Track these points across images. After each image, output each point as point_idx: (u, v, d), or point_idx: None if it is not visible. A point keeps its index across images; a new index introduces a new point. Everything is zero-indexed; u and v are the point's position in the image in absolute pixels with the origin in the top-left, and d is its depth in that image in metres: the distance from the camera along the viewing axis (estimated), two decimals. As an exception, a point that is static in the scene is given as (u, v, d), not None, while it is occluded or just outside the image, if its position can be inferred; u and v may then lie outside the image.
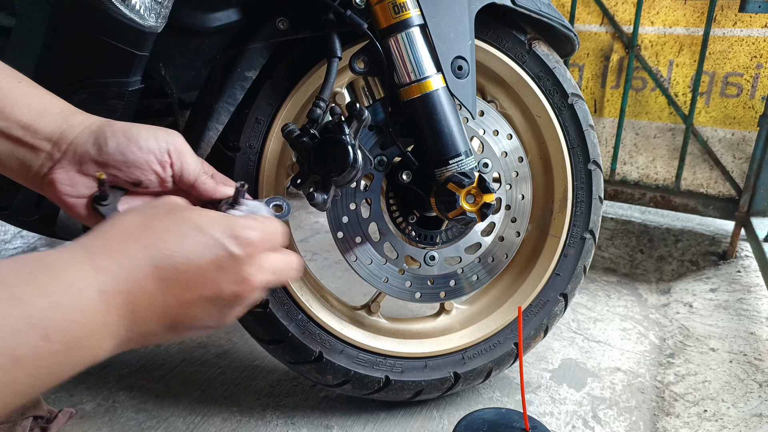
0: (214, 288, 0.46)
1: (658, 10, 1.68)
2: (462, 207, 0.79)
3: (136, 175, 0.57)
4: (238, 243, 0.46)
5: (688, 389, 1.12)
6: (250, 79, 0.85)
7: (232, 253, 0.46)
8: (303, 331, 0.95)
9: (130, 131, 0.57)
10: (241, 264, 0.47)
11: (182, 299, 0.44)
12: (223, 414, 1.05)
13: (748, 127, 1.66)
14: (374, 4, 0.77)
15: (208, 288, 0.45)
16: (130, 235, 0.43)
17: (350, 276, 1.61)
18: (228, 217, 0.48)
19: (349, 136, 0.71)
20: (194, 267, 0.44)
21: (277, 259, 0.51)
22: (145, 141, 0.57)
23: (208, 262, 0.45)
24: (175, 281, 0.43)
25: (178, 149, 0.59)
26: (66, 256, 0.40)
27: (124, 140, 0.56)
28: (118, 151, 0.55)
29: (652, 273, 1.69)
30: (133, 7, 0.67)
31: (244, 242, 0.47)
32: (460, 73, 0.82)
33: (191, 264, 0.44)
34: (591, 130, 1.02)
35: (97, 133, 0.56)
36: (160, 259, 0.43)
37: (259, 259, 0.48)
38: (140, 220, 0.45)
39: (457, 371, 1.02)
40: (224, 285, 0.46)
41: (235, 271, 0.46)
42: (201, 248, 0.45)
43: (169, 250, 0.43)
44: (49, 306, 0.37)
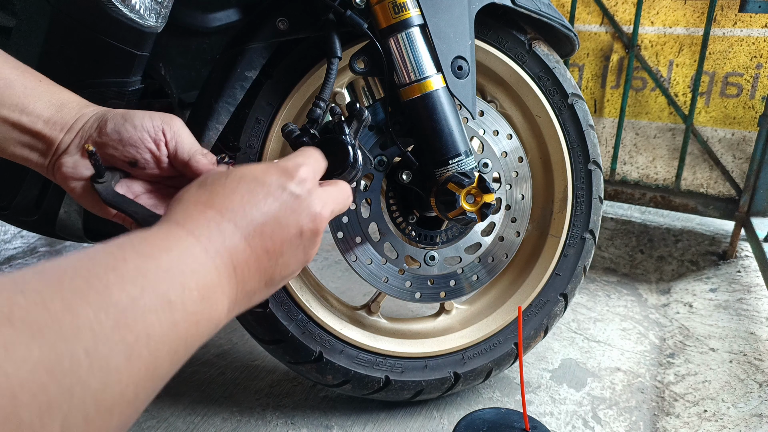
0: (294, 231, 0.48)
1: (658, 10, 1.68)
2: (462, 207, 0.79)
3: (131, 153, 0.59)
4: (296, 182, 0.49)
5: (688, 389, 1.12)
6: (250, 79, 0.85)
7: (296, 194, 0.49)
8: (303, 331, 0.95)
9: (128, 113, 0.59)
10: (307, 201, 0.49)
11: (271, 250, 0.46)
12: (223, 414, 1.05)
13: (748, 127, 1.66)
14: (374, 4, 0.77)
15: (289, 232, 0.48)
16: (202, 203, 0.45)
17: (350, 276, 1.61)
18: (274, 165, 0.50)
19: (349, 136, 0.71)
20: (271, 218, 0.46)
21: (332, 189, 0.55)
22: (140, 120, 0.59)
23: (280, 208, 0.47)
24: (259, 236, 0.45)
25: (173, 128, 0.61)
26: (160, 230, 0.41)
27: (120, 121, 0.59)
28: (115, 130, 0.58)
29: (652, 273, 1.69)
30: (133, 7, 0.67)
31: (301, 180, 0.50)
32: (460, 73, 0.82)
33: (267, 216, 0.46)
34: (591, 130, 1.02)
35: (101, 118, 0.59)
36: (240, 219, 0.44)
37: (319, 192, 0.51)
38: (202, 190, 0.46)
39: (457, 371, 1.02)
40: (303, 224, 0.49)
41: (306, 209, 0.49)
42: (270, 199, 0.47)
43: (243, 209, 0.45)
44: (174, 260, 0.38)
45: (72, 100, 0.59)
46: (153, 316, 0.35)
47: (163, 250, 0.39)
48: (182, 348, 0.38)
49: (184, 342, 0.38)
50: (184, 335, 0.38)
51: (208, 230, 0.42)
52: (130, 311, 0.33)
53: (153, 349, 0.35)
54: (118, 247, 0.37)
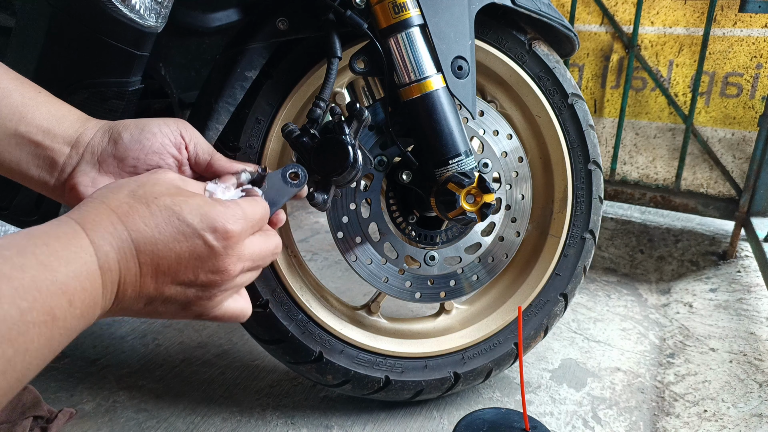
0: (190, 275, 0.47)
1: (658, 10, 1.68)
2: (462, 207, 0.79)
3: (154, 161, 0.58)
4: (216, 236, 0.47)
5: (688, 389, 1.12)
6: (250, 79, 0.85)
7: (210, 245, 0.47)
8: (303, 331, 0.95)
9: (141, 122, 0.59)
10: (218, 255, 0.48)
11: (159, 282, 0.46)
12: (223, 414, 1.05)
13: (748, 127, 1.65)
14: (374, 4, 0.77)
15: (184, 274, 0.47)
16: (117, 215, 0.44)
17: (350, 276, 1.61)
18: (211, 206, 0.48)
19: (349, 136, 0.71)
20: (173, 254, 0.46)
21: (257, 246, 0.52)
22: (158, 127, 0.59)
23: (186, 250, 0.46)
24: (154, 266, 0.45)
25: (189, 131, 0.61)
26: (65, 229, 0.42)
27: (137, 131, 0.58)
28: (134, 140, 0.57)
29: (652, 273, 1.69)
30: (133, 7, 0.67)
31: (222, 234, 0.48)
32: (460, 73, 0.82)
33: (170, 251, 0.46)
34: (591, 130, 1.02)
35: (111, 130, 0.58)
36: (143, 244, 0.44)
37: (238, 249, 0.50)
38: (127, 201, 0.46)
39: (457, 371, 1.02)
40: (200, 273, 0.48)
41: (213, 262, 0.48)
42: (181, 237, 0.46)
43: (152, 237, 0.45)
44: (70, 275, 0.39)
45: (72, 113, 0.58)
46: (35, 330, 0.36)
47: (62, 261, 0.39)
48: (50, 357, 0.39)
49: (53, 353, 0.39)
50: (56, 348, 0.39)
51: (108, 246, 0.43)
52: (15, 326, 0.34)
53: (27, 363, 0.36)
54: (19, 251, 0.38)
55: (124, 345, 1.26)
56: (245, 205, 0.52)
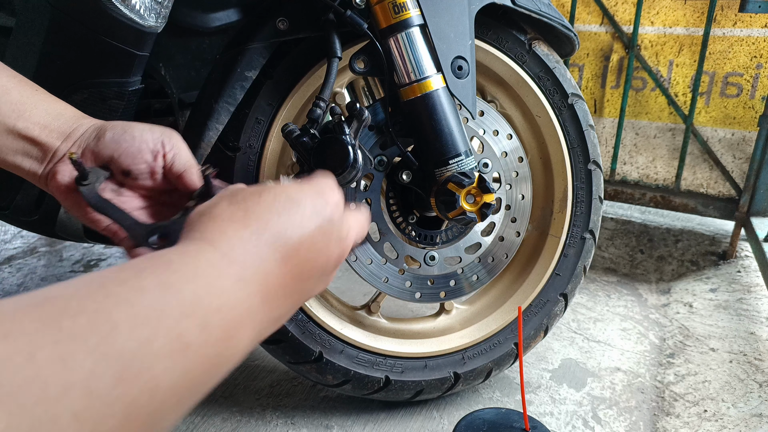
0: (326, 254, 0.46)
1: (658, 10, 1.68)
2: (462, 207, 0.79)
3: (126, 163, 0.59)
4: (332, 206, 0.48)
5: (688, 389, 1.12)
6: (250, 79, 0.85)
7: (330, 217, 0.47)
8: (303, 331, 0.95)
9: (128, 125, 0.60)
10: (338, 225, 0.48)
11: (302, 274, 0.44)
12: (223, 414, 1.05)
13: (748, 127, 1.65)
14: (374, 4, 0.77)
15: (322, 255, 0.46)
16: (235, 221, 0.41)
17: (350, 276, 1.61)
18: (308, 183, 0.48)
19: (349, 136, 0.71)
20: (307, 239, 0.44)
21: (357, 216, 0.54)
22: (140, 132, 0.60)
23: (315, 231, 0.45)
24: (295, 258, 0.43)
25: (172, 141, 0.61)
26: (189, 248, 0.37)
27: (120, 131, 0.59)
28: (113, 140, 0.58)
29: (652, 273, 1.69)
30: (133, 7, 0.67)
31: (333, 203, 0.48)
32: (460, 73, 0.82)
33: (303, 237, 0.44)
34: (591, 130, 1.02)
35: (100, 128, 0.59)
36: (276, 239, 0.41)
37: (347, 218, 0.50)
38: (234, 206, 0.43)
39: (457, 371, 1.02)
40: (332, 249, 0.47)
41: (337, 233, 0.48)
42: (305, 220, 0.45)
43: (280, 229, 0.42)
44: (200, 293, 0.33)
45: (68, 110, 0.59)
46: (163, 364, 0.29)
47: (189, 278, 0.34)
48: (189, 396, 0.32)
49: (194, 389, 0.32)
50: (196, 382, 0.32)
51: (244, 253, 0.39)
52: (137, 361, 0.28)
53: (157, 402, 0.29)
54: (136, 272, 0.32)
55: (124, 345, 1.26)
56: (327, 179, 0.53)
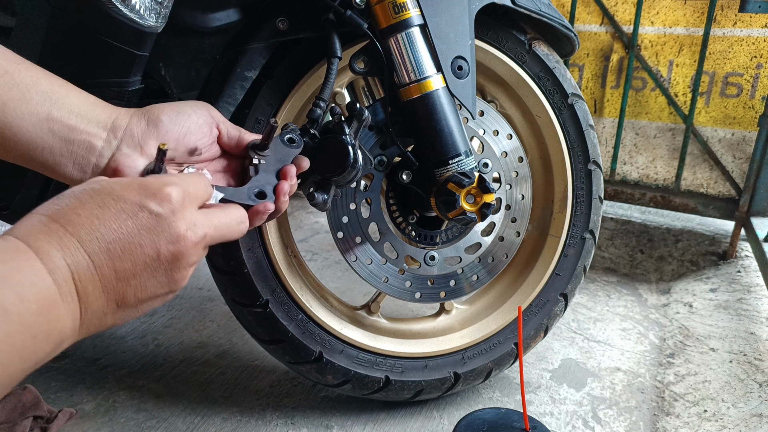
0: (150, 252, 0.45)
1: (658, 10, 1.68)
2: (462, 207, 0.79)
3: (192, 141, 0.60)
4: (156, 201, 0.45)
5: (688, 389, 1.12)
6: (250, 79, 0.85)
7: (154, 211, 0.45)
8: (303, 331, 0.95)
9: (175, 105, 0.60)
10: (169, 221, 0.45)
11: (121, 270, 0.43)
12: (223, 414, 1.05)
13: (748, 127, 1.65)
14: (374, 4, 0.77)
15: (144, 252, 0.44)
16: (48, 216, 0.42)
17: (350, 276, 1.61)
18: (141, 179, 0.47)
19: (350, 136, 0.71)
20: (121, 236, 0.43)
21: (214, 214, 0.51)
22: (191, 109, 0.61)
23: (135, 227, 0.44)
24: (105, 254, 0.42)
25: (215, 112, 0.64)
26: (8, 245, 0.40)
27: (173, 114, 0.59)
28: (173, 122, 0.59)
29: (652, 273, 1.69)
30: (133, 7, 0.67)
31: (164, 198, 0.45)
32: (460, 73, 0.82)
33: (117, 234, 0.43)
34: (591, 130, 1.02)
35: (147, 114, 0.59)
36: (85, 235, 0.42)
37: (187, 214, 0.47)
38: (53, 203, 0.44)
39: (457, 371, 1.02)
40: (161, 246, 0.45)
41: (168, 230, 0.45)
42: (122, 215, 0.43)
43: (90, 225, 0.42)
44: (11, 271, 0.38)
45: (99, 100, 0.58)
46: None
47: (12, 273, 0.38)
48: (17, 360, 0.37)
49: (19, 355, 0.37)
50: (19, 347, 0.37)
51: (48, 245, 0.40)
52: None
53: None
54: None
55: (124, 345, 1.26)
56: (183, 176, 0.50)
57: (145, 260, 0.45)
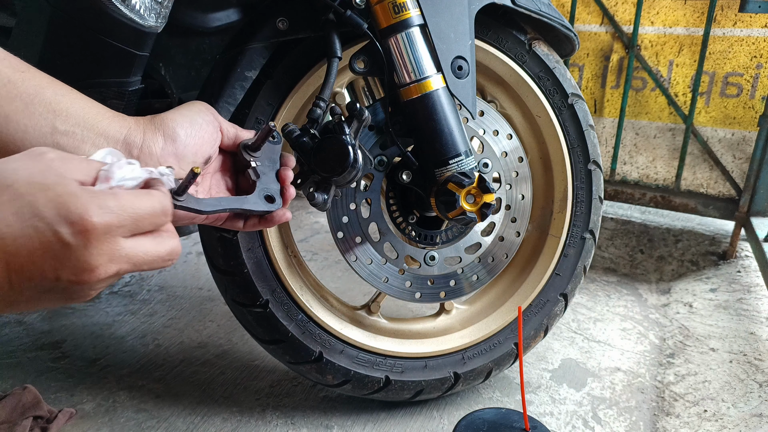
0: (51, 276, 0.41)
1: (658, 10, 1.68)
2: (462, 207, 0.79)
3: (207, 151, 0.60)
4: (71, 229, 0.40)
5: (688, 389, 1.12)
6: (250, 79, 0.85)
7: (64, 240, 0.40)
8: (303, 331, 0.95)
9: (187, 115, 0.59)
10: (77, 253, 0.40)
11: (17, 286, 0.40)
12: (223, 414, 1.05)
13: (748, 127, 1.65)
14: (374, 4, 0.77)
15: (45, 276, 0.40)
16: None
17: (350, 276, 1.61)
18: (72, 194, 0.41)
19: (350, 136, 0.71)
20: (25, 253, 0.39)
21: (142, 248, 0.44)
22: (201, 117, 0.60)
23: (39, 248, 0.40)
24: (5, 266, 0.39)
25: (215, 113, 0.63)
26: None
27: (188, 125, 0.59)
28: (190, 135, 0.58)
29: (652, 273, 1.69)
30: (133, 7, 0.67)
31: (79, 227, 0.40)
32: (460, 73, 0.82)
33: (21, 248, 0.39)
34: (591, 130, 1.02)
35: (162, 129, 0.57)
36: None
37: (107, 247, 0.42)
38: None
39: (457, 371, 1.02)
40: (61, 274, 0.41)
41: (73, 261, 0.40)
42: (31, 232, 0.39)
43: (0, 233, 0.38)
44: None
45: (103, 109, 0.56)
46: None
47: None
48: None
49: None
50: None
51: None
52: None
53: None
54: None
55: (124, 345, 1.26)
56: (128, 196, 0.43)
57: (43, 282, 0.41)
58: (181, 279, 1.58)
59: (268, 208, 0.64)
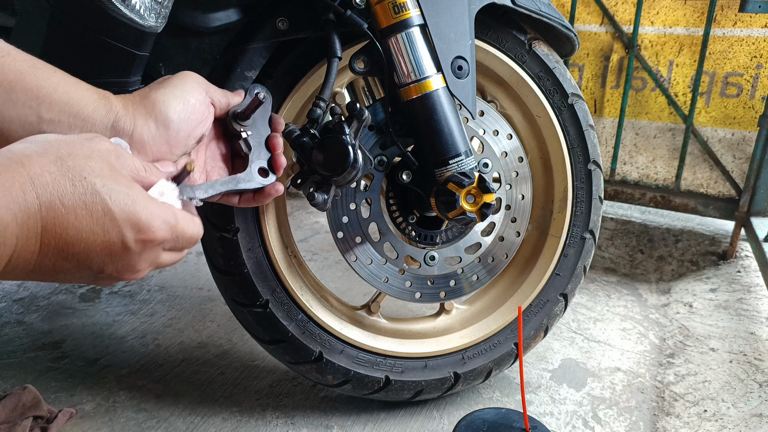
0: (96, 268, 0.43)
1: (658, 10, 1.68)
2: (462, 207, 0.79)
3: (200, 131, 0.59)
4: (137, 237, 0.43)
5: (688, 389, 1.12)
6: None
7: (128, 246, 0.43)
8: (303, 331, 0.95)
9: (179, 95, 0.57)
10: (131, 256, 0.44)
11: (59, 267, 0.42)
12: (223, 414, 1.05)
13: (748, 127, 1.65)
14: (374, 4, 0.77)
15: (90, 267, 0.43)
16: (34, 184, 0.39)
17: (350, 276, 1.61)
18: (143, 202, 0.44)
19: (350, 136, 0.71)
20: (83, 245, 0.41)
21: (169, 257, 0.50)
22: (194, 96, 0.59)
23: (100, 244, 0.42)
24: (58, 249, 0.41)
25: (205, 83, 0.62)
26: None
27: (181, 107, 0.57)
28: (183, 120, 0.57)
29: (652, 273, 1.69)
30: (133, 7, 0.67)
31: (144, 237, 0.44)
32: (460, 73, 0.82)
33: (82, 241, 0.41)
34: (591, 130, 1.02)
35: (154, 115, 0.55)
36: (53, 225, 0.39)
37: (153, 254, 0.46)
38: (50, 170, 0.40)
39: (457, 371, 1.02)
40: (107, 268, 0.44)
41: (124, 261, 0.44)
42: (98, 230, 0.41)
43: (65, 221, 0.40)
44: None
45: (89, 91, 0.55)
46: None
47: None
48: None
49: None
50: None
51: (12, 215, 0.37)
52: None
53: None
54: None
55: (124, 345, 1.26)
56: (183, 218, 0.48)
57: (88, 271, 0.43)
58: (181, 279, 1.58)
59: (261, 184, 0.64)
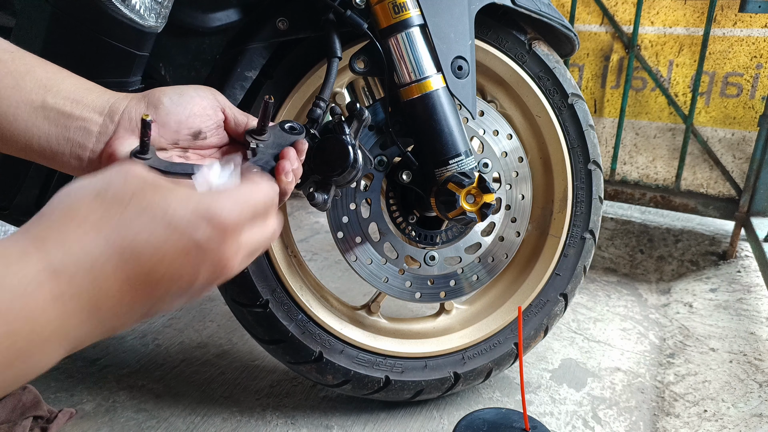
0: (188, 279, 0.40)
1: (658, 10, 1.68)
2: (462, 207, 0.79)
3: (196, 124, 0.58)
4: (212, 227, 0.40)
5: (688, 389, 1.12)
6: (250, 79, 0.85)
7: (200, 242, 0.40)
8: (303, 331, 0.95)
9: (177, 88, 0.58)
10: (216, 248, 0.41)
11: (152, 295, 0.39)
12: (223, 414, 1.05)
13: (748, 127, 1.65)
14: (374, 4, 0.77)
15: (183, 280, 0.40)
16: (85, 219, 0.37)
17: (350, 276, 1.61)
18: (201, 194, 0.41)
19: (350, 136, 0.71)
20: (166, 261, 0.38)
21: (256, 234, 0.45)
22: (195, 91, 0.58)
23: (181, 252, 0.39)
24: (143, 279, 0.38)
25: (221, 97, 0.61)
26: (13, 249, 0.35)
27: (176, 96, 0.57)
28: (174, 104, 0.56)
29: (652, 273, 1.69)
30: (133, 7, 0.67)
31: (218, 225, 0.40)
32: (460, 73, 0.82)
33: (162, 258, 0.38)
34: (591, 130, 1.02)
35: (147, 98, 0.56)
36: (125, 254, 0.37)
37: (238, 237, 0.43)
38: (96, 202, 0.38)
39: (457, 371, 1.02)
40: (200, 273, 0.41)
41: (213, 256, 0.41)
42: (172, 237, 0.38)
43: (135, 243, 0.37)
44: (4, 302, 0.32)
45: (96, 86, 0.55)
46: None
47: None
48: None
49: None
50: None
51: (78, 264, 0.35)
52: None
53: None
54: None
55: (124, 345, 1.26)
56: (243, 190, 0.45)
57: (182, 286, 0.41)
58: (181, 279, 1.58)
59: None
